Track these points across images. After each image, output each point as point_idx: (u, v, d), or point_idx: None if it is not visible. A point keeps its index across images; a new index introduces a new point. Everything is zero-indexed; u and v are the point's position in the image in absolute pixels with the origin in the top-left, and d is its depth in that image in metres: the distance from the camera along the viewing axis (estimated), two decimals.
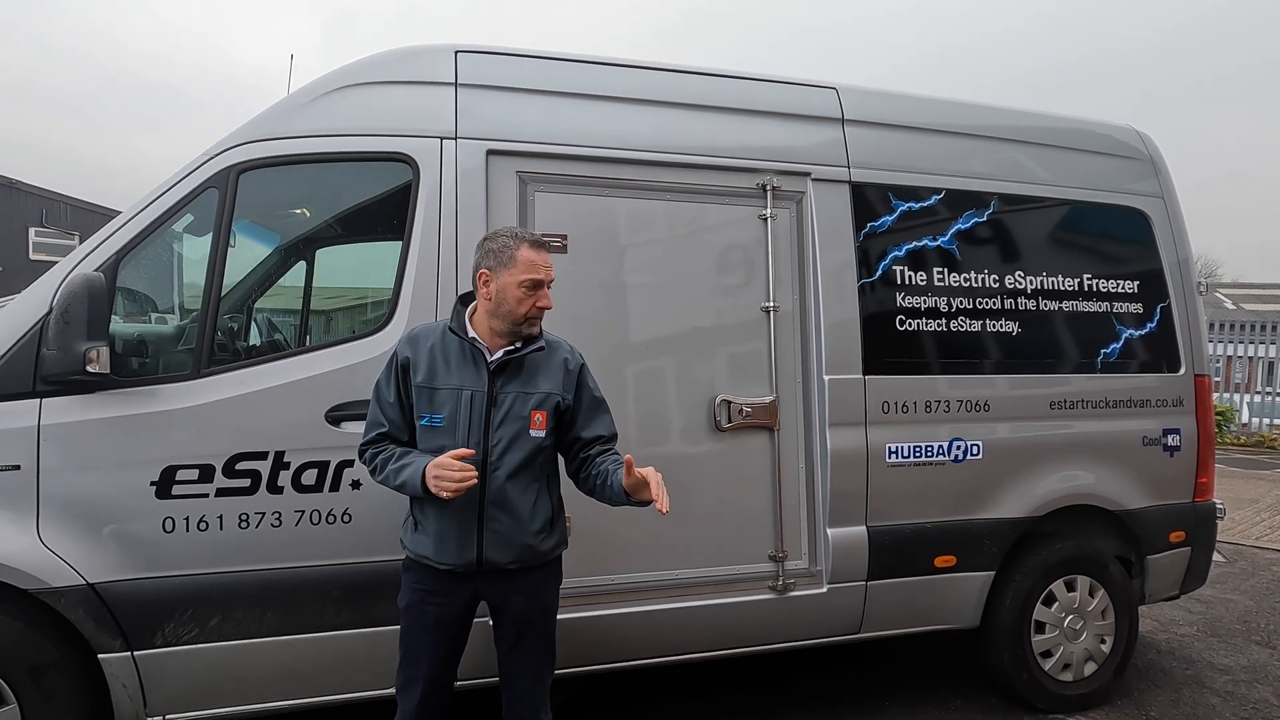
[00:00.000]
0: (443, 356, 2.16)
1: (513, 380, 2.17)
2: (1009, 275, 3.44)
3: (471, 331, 2.18)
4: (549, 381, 2.19)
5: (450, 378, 2.14)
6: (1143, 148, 3.81)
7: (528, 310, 2.14)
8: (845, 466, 3.08)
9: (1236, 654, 4.20)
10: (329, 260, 3.33)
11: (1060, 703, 3.43)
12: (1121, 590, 3.54)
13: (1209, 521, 3.73)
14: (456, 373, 2.15)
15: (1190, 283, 3.77)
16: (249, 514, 2.47)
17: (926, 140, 3.39)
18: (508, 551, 2.16)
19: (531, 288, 2.13)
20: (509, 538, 2.15)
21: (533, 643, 2.25)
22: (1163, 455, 3.60)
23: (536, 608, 2.25)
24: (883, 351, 3.17)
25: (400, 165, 2.72)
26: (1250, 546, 6.54)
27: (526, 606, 2.23)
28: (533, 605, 2.24)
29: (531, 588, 2.22)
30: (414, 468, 2.08)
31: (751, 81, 3.21)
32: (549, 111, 2.90)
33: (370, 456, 2.22)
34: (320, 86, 2.75)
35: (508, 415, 2.14)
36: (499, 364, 2.15)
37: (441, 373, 2.15)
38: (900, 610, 3.22)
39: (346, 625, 2.55)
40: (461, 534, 2.13)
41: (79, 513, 2.35)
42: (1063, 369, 3.48)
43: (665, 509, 2.02)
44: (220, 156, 2.59)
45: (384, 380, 2.22)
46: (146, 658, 2.38)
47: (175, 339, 2.74)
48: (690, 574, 2.93)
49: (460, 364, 2.16)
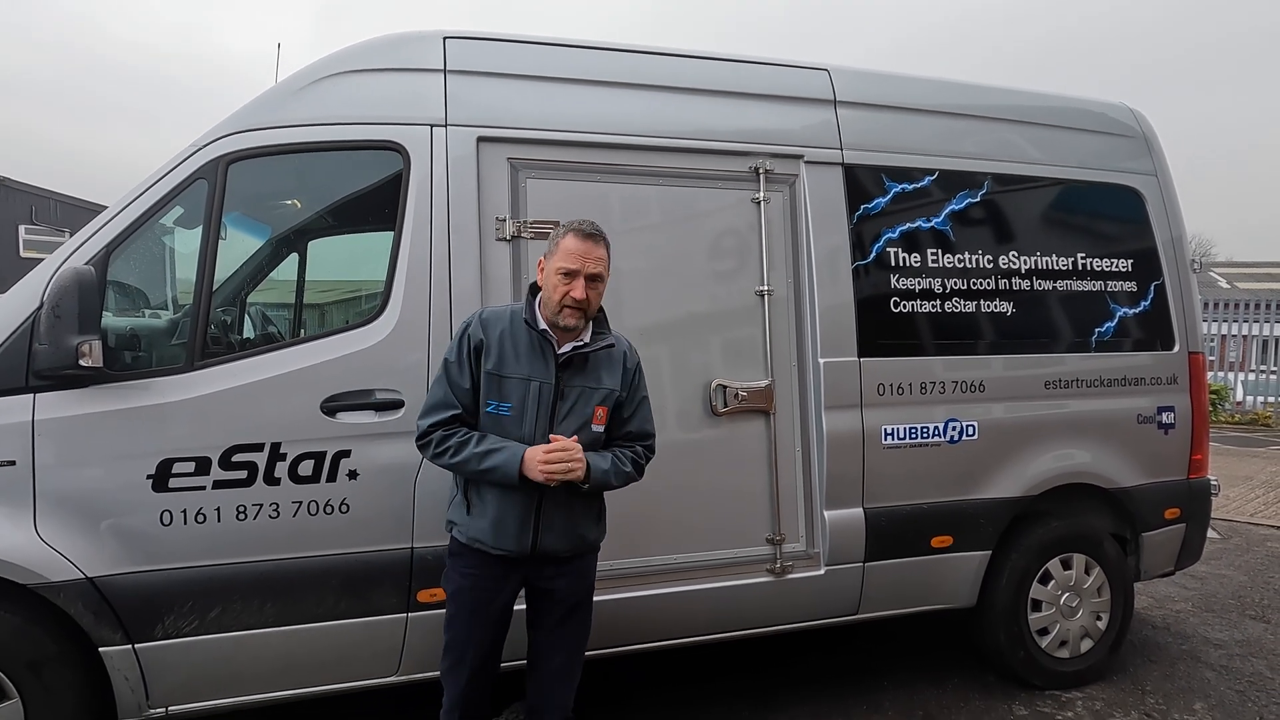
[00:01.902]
0: (512, 345, 2.18)
1: (578, 374, 2.21)
2: (1003, 255, 3.44)
3: (542, 323, 2.20)
4: (611, 378, 2.25)
5: (520, 367, 2.16)
6: (1136, 125, 3.80)
7: (560, 298, 2.15)
8: (841, 449, 3.09)
9: (1231, 629, 4.24)
10: (321, 251, 3.31)
11: (1057, 679, 3.47)
12: (1117, 568, 3.56)
13: (1204, 498, 3.76)
14: (525, 362, 2.17)
15: (1184, 260, 3.77)
16: (246, 506, 2.47)
17: (919, 121, 3.38)
18: (561, 541, 2.22)
19: (566, 276, 2.14)
20: (564, 528, 2.22)
21: (577, 624, 2.32)
22: (1157, 433, 3.62)
23: (583, 588, 2.32)
24: (877, 334, 3.18)
25: (390, 154, 2.70)
26: (1245, 523, 6.59)
27: (574, 587, 2.29)
28: (580, 585, 2.31)
29: (579, 570, 2.30)
30: (509, 453, 2.10)
31: (743, 64, 3.19)
32: (540, 97, 2.88)
33: (440, 439, 2.17)
34: (308, 75, 2.72)
35: (573, 409, 2.20)
36: (566, 358, 2.19)
37: (511, 361, 2.17)
38: (897, 591, 3.24)
39: (345, 615, 2.56)
40: (521, 521, 2.16)
41: (76, 507, 2.34)
42: (1057, 348, 3.49)
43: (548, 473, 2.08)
44: (209, 147, 2.57)
45: (455, 361, 2.20)
46: (147, 650, 2.39)
47: (168, 332, 2.73)
48: (688, 558, 2.94)
49: (529, 354, 2.18)
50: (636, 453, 2.29)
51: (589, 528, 2.28)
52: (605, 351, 2.26)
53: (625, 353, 2.31)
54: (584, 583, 2.32)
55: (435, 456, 2.20)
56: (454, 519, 2.27)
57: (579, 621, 2.33)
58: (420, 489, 2.61)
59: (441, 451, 2.17)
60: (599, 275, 2.18)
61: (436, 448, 2.18)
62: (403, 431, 2.58)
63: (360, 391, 2.56)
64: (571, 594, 2.29)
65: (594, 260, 2.16)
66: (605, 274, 2.22)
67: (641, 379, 2.34)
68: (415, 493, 2.60)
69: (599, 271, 2.18)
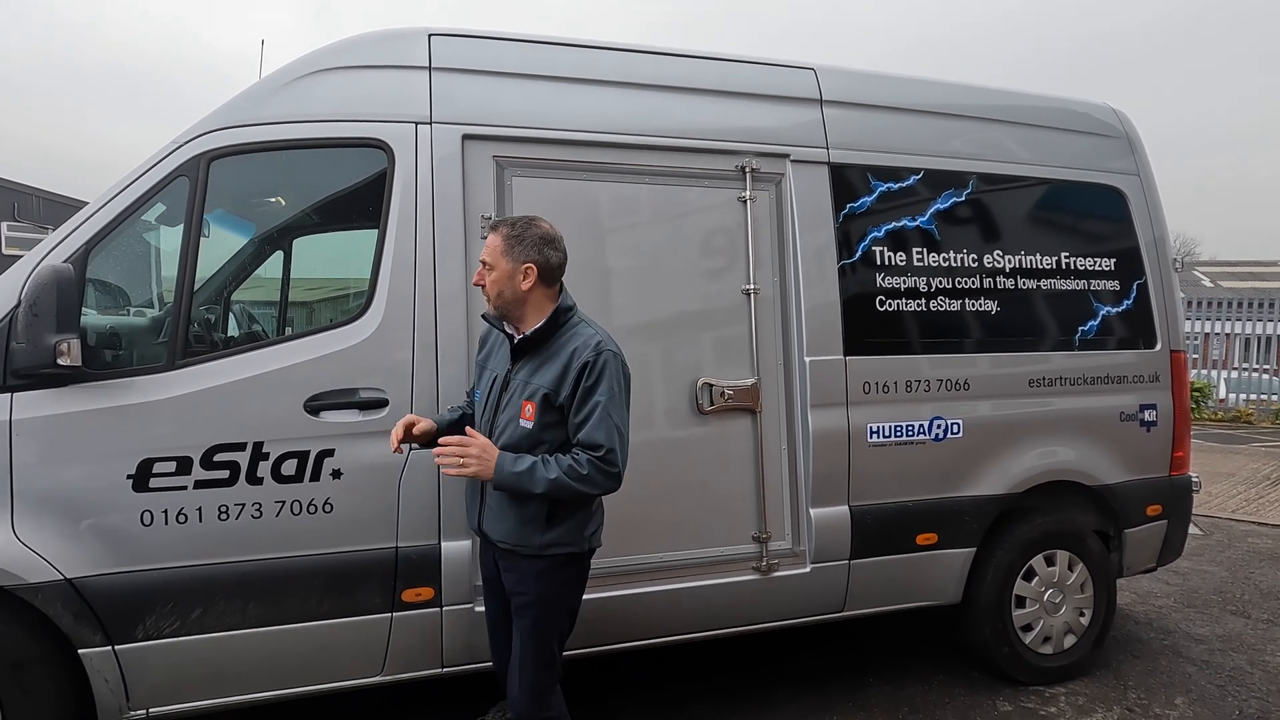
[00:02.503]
0: (497, 343, 2.38)
1: (525, 368, 2.25)
2: (988, 254, 3.46)
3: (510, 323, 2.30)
4: (549, 374, 2.19)
5: (493, 361, 2.36)
6: (1119, 125, 3.83)
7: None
8: (827, 447, 3.10)
9: (1212, 624, 4.29)
10: (305, 249, 3.29)
11: (1041, 675, 3.49)
12: (1100, 564, 3.59)
13: (1185, 495, 3.80)
14: (496, 357, 2.35)
15: (1166, 259, 3.80)
16: (228, 505, 2.45)
17: (905, 120, 3.39)
18: (496, 529, 2.26)
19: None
20: (498, 517, 2.25)
21: (518, 628, 2.28)
22: (1139, 430, 3.65)
23: (521, 594, 2.26)
24: (863, 332, 3.19)
25: (375, 151, 2.68)
26: (1227, 519, 6.66)
27: (513, 589, 2.28)
28: (518, 590, 2.26)
29: (520, 572, 2.25)
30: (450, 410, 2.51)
31: (729, 63, 3.19)
32: (526, 95, 2.87)
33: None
34: (292, 71, 2.70)
35: (509, 401, 2.24)
36: (516, 350, 2.27)
37: (492, 356, 2.38)
38: (883, 588, 3.26)
39: (329, 615, 2.54)
40: (471, 501, 2.36)
41: (55, 507, 2.32)
42: (1041, 347, 3.51)
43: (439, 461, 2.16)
44: (190, 144, 2.54)
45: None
46: (128, 651, 2.36)
47: (149, 330, 2.70)
48: (674, 556, 2.95)
49: (500, 350, 2.35)
50: (577, 461, 2.10)
51: (529, 530, 2.19)
52: (562, 346, 2.21)
53: (577, 349, 2.17)
54: (521, 588, 2.24)
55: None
56: None
57: (522, 624, 2.26)
58: (405, 488, 2.60)
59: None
60: (485, 261, 2.25)
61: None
62: (387, 430, 2.56)
63: (344, 390, 2.55)
64: (514, 592, 2.27)
65: (485, 248, 2.28)
66: (492, 260, 2.21)
67: (596, 381, 2.14)
68: (400, 492, 2.59)
69: (484, 258, 2.25)
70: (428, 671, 2.70)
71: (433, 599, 2.63)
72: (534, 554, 2.21)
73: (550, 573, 2.24)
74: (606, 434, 2.13)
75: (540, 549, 2.21)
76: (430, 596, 2.63)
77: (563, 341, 2.23)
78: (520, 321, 2.27)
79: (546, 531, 2.20)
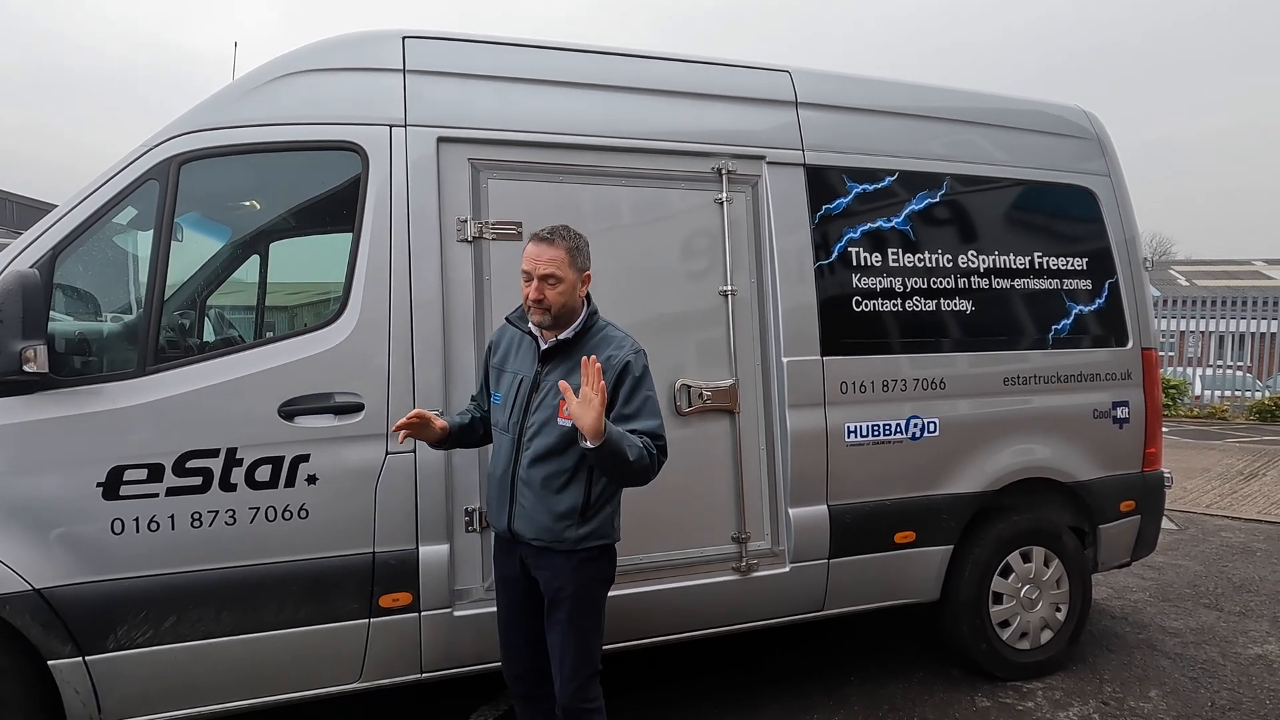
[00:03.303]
0: (515, 344, 2.39)
1: (557, 370, 2.26)
2: (962, 254, 3.49)
3: (531, 324, 2.31)
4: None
5: (514, 363, 2.36)
6: (1090, 127, 3.89)
7: (525, 299, 2.26)
8: (805, 447, 3.11)
9: (1186, 617, 4.35)
10: (278, 254, 3.25)
11: (1018, 670, 3.53)
12: (1075, 560, 3.64)
13: (1158, 490, 3.85)
14: (518, 359, 2.36)
15: (1136, 259, 3.86)
16: (201, 513, 2.42)
17: (880, 122, 3.42)
18: (529, 528, 2.26)
19: (526, 278, 2.25)
20: (531, 515, 2.25)
21: (556, 623, 2.30)
22: (1112, 427, 3.70)
23: (558, 589, 2.28)
24: (840, 332, 3.21)
25: (349, 154, 2.67)
26: (1201, 514, 6.77)
27: (549, 585, 2.29)
28: (555, 586, 2.28)
29: (556, 568, 2.27)
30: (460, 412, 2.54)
31: (705, 65, 3.21)
32: (501, 97, 2.86)
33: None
34: (264, 74, 2.68)
35: (544, 401, 2.26)
36: (548, 352, 2.28)
37: (511, 358, 2.38)
38: (862, 587, 3.28)
39: (307, 622, 2.52)
40: (500, 502, 2.32)
41: (23, 517, 2.28)
42: (1016, 345, 3.56)
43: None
44: (160, 147, 2.52)
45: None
46: (99, 662, 2.33)
47: (119, 336, 2.66)
48: (654, 558, 2.95)
49: (522, 352, 2.36)
50: (646, 443, 2.19)
51: (565, 523, 2.23)
52: (594, 349, 2.24)
53: (612, 354, 2.24)
54: (559, 584, 2.27)
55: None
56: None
57: (558, 623, 2.30)
58: (382, 493, 2.58)
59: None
60: (551, 275, 2.21)
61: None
62: (363, 435, 2.56)
63: (319, 395, 2.53)
64: (549, 590, 2.29)
65: (545, 262, 2.21)
66: (561, 273, 2.22)
67: (643, 376, 2.25)
68: (376, 497, 2.58)
69: (551, 272, 2.21)
70: (407, 677, 2.69)
71: (410, 604, 2.61)
72: (571, 549, 2.25)
73: (586, 566, 2.28)
74: (660, 423, 2.28)
75: (577, 543, 2.25)
76: (408, 602, 2.61)
77: (595, 343, 2.28)
78: (561, 326, 2.27)
79: (582, 525, 2.25)
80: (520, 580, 2.35)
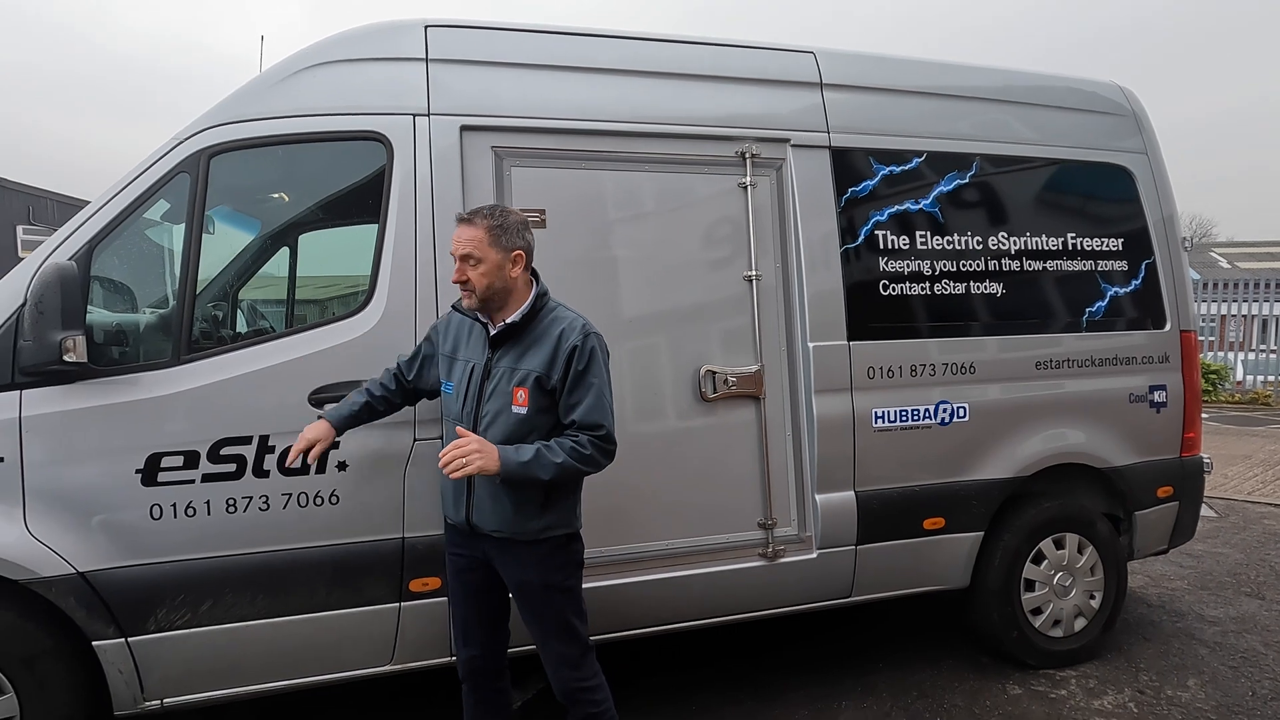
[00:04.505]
0: (466, 332, 2.33)
1: (508, 355, 2.23)
2: (993, 236, 3.42)
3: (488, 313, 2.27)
4: (537, 359, 2.19)
5: (465, 351, 2.31)
6: (1126, 104, 3.78)
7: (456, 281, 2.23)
8: (831, 432, 3.09)
9: (1226, 606, 4.25)
10: (306, 243, 3.30)
11: (1050, 658, 3.48)
12: (1110, 547, 3.57)
13: (1196, 476, 3.76)
14: (468, 347, 2.30)
15: (1175, 239, 3.76)
16: (236, 498, 2.48)
17: (907, 102, 3.36)
18: (489, 520, 2.22)
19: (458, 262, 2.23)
20: (490, 507, 2.21)
21: (533, 617, 2.29)
22: (1149, 411, 3.61)
23: (524, 581, 2.27)
24: (867, 317, 3.17)
25: (373, 144, 2.69)
26: (1242, 501, 6.59)
27: (515, 578, 2.28)
28: (521, 578, 2.27)
29: (520, 560, 2.25)
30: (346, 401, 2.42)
31: (728, 48, 3.17)
32: (523, 85, 2.86)
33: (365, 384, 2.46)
34: (289, 66, 2.71)
35: (495, 389, 2.22)
36: (496, 338, 2.24)
37: (462, 346, 2.32)
38: (890, 573, 3.25)
39: (338, 606, 2.57)
40: (456, 495, 2.28)
41: (66, 503, 2.35)
42: (1048, 329, 3.48)
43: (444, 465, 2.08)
44: (190, 140, 2.56)
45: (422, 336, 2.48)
46: (140, 643, 2.40)
47: (154, 326, 2.72)
48: (681, 543, 2.95)
49: (471, 339, 2.30)
50: (578, 441, 2.14)
51: (525, 515, 2.19)
52: (545, 330, 2.21)
53: (563, 332, 2.19)
54: (524, 576, 2.25)
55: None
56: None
57: (530, 613, 2.28)
58: (410, 479, 2.61)
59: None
60: (469, 255, 2.17)
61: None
62: (391, 422, 2.58)
63: (347, 383, 2.56)
64: (514, 585, 2.29)
65: (463, 242, 2.18)
66: (480, 253, 2.16)
67: (587, 363, 2.17)
68: (405, 483, 2.61)
69: (469, 252, 2.17)
70: (436, 660, 2.73)
71: (440, 588, 2.64)
72: (533, 539, 2.22)
73: (550, 555, 2.26)
74: (603, 414, 2.19)
75: (539, 533, 2.22)
76: (437, 586, 2.65)
77: (545, 325, 2.23)
78: (502, 310, 2.23)
79: (542, 516, 2.22)
80: (475, 571, 2.32)
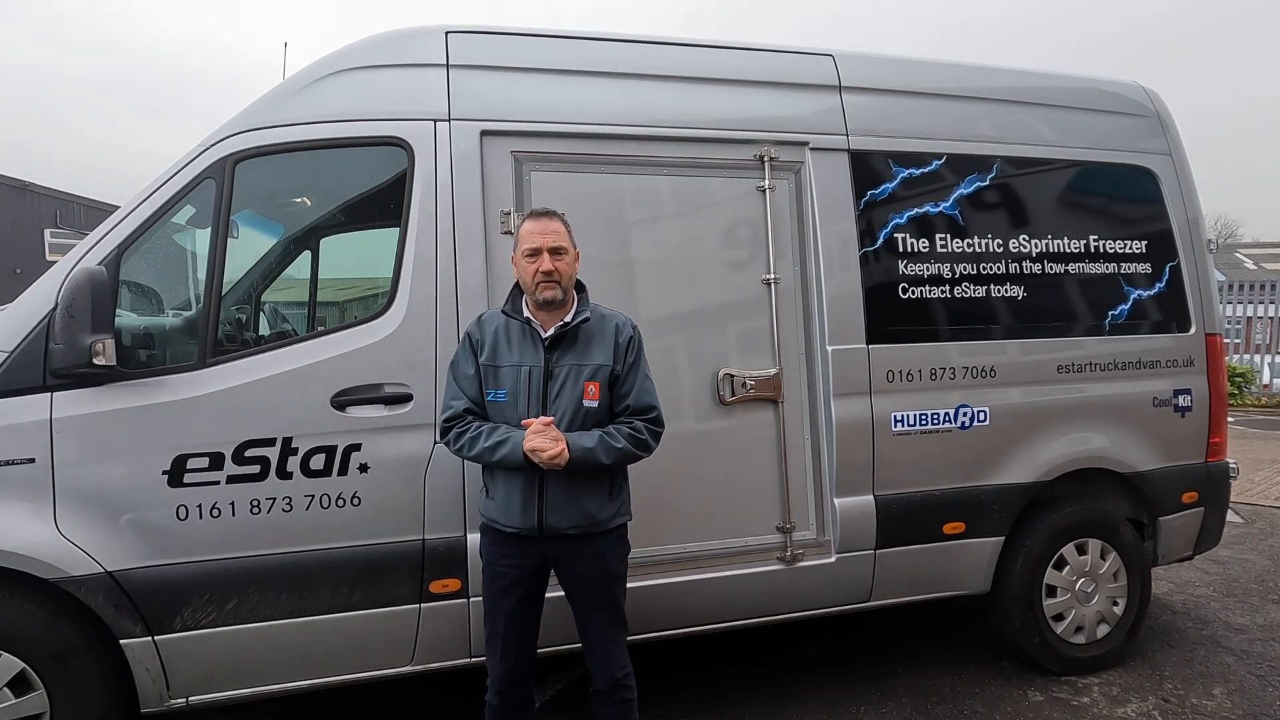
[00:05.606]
0: (505, 337, 2.32)
1: (568, 354, 2.28)
2: (1014, 239, 3.40)
3: (526, 312, 2.32)
4: (602, 353, 2.29)
5: (511, 356, 2.29)
6: (1149, 105, 3.74)
7: (532, 276, 2.26)
8: (850, 436, 3.08)
9: (1253, 613, 4.18)
10: (330, 248, 3.34)
11: (1072, 665, 3.44)
12: (1133, 552, 3.52)
13: (1222, 482, 3.70)
14: (517, 351, 2.30)
15: (1200, 241, 3.70)
16: (260, 500, 2.51)
17: (926, 105, 3.34)
18: (566, 517, 2.26)
19: (532, 255, 2.26)
20: (567, 504, 2.25)
21: (597, 608, 2.34)
22: (1174, 416, 3.57)
23: (599, 573, 2.32)
24: (886, 320, 3.16)
25: (395, 150, 2.72)
26: (1269, 507, 6.48)
27: (589, 571, 2.32)
28: (595, 570, 2.32)
29: (594, 553, 2.30)
30: (513, 441, 2.20)
31: (747, 51, 3.17)
32: (543, 89, 2.88)
33: (456, 435, 2.29)
34: (312, 73, 2.75)
35: (563, 388, 2.27)
36: (552, 339, 2.28)
37: (504, 351, 2.30)
38: (910, 578, 3.23)
39: (360, 606, 2.60)
40: (525, 499, 2.25)
41: (95, 503, 2.39)
42: (1070, 332, 3.45)
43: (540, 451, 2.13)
44: (216, 147, 2.60)
45: (462, 358, 2.35)
46: (167, 642, 2.44)
47: (181, 330, 2.77)
48: (699, 547, 2.95)
49: (520, 343, 2.31)
50: (635, 428, 2.28)
51: (597, 506, 2.28)
52: (596, 327, 2.31)
53: (618, 325, 2.33)
54: (599, 568, 2.32)
55: (457, 451, 2.32)
56: (479, 501, 2.41)
57: (600, 606, 2.34)
58: (431, 481, 2.64)
59: (460, 447, 2.30)
60: (559, 247, 2.27)
61: (455, 444, 2.31)
62: (412, 425, 2.61)
63: (369, 386, 2.59)
64: (588, 579, 2.32)
65: (551, 234, 2.27)
66: (567, 245, 2.29)
67: (638, 353, 2.34)
68: (426, 485, 2.63)
69: (559, 244, 2.27)
70: (456, 661, 2.75)
71: (460, 590, 2.67)
72: (605, 529, 2.30)
73: (616, 545, 2.37)
74: (653, 396, 2.34)
75: (609, 522, 2.31)
76: (457, 588, 2.67)
77: (595, 321, 2.32)
78: (562, 307, 2.30)
79: (612, 503, 2.32)
80: (530, 574, 2.32)
